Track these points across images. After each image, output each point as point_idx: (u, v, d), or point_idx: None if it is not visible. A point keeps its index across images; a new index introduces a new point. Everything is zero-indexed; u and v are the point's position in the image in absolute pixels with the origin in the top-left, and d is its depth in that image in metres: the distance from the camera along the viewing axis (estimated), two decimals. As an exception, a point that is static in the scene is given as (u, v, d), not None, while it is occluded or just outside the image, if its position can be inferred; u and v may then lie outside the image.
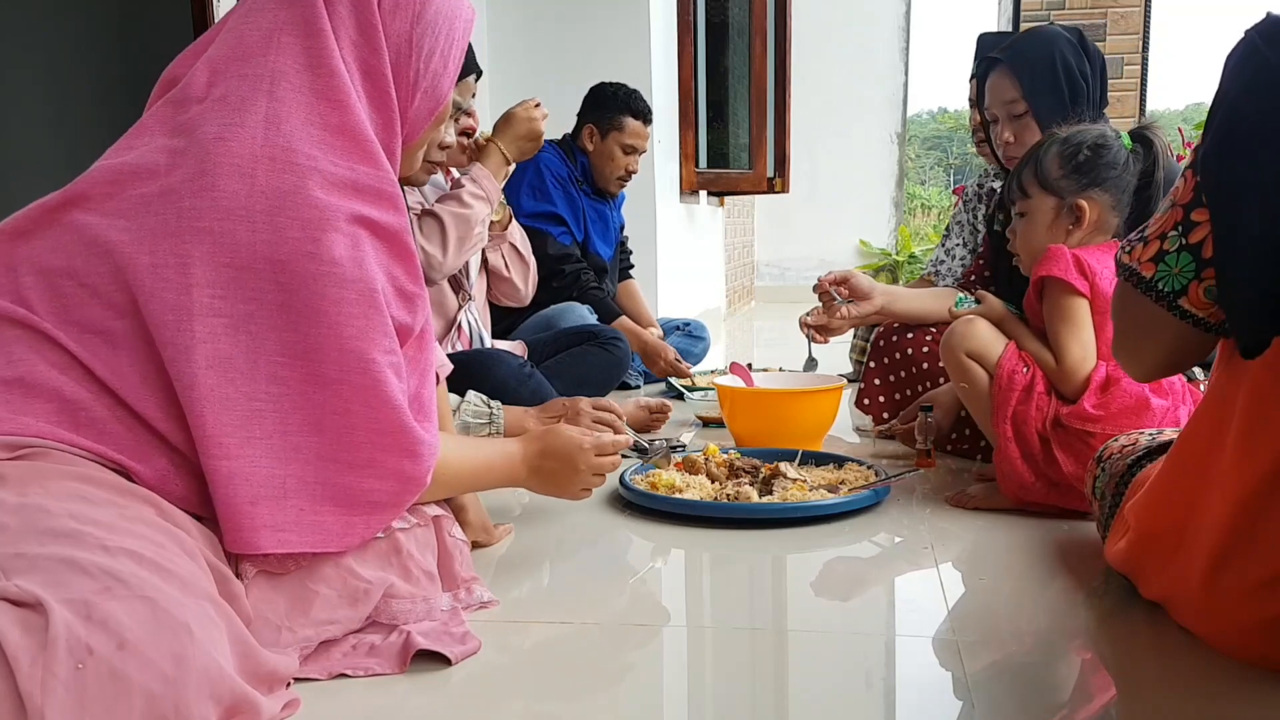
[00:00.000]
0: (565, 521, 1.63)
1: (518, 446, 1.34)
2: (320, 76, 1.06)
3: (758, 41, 5.06)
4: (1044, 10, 6.11)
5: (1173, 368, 1.10)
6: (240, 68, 1.05)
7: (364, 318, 1.02)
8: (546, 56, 3.92)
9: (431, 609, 1.12)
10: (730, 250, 6.04)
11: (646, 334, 2.90)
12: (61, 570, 0.79)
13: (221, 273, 0.98)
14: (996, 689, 1.01)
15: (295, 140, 1.02)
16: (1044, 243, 1.63)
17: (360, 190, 1.05)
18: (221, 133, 1.01)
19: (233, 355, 0.98)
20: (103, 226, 0.99)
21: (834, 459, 1.88)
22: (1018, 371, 1.60)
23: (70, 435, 0.95)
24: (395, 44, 1.12)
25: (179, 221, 0.98)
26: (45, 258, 0.99)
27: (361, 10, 1.09)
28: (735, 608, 1.31)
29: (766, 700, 1.03)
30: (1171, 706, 0.98)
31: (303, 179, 1.01)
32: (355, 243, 1.03)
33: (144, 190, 1.00)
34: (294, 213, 1.00)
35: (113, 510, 0.89)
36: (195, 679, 0.77)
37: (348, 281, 1.01)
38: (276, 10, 1.08)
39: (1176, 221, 1.01)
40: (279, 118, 1.03)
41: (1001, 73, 1.94)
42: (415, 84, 1.14)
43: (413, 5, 1.12)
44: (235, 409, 0.98)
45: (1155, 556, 1.13)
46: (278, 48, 1.06)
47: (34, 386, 0.96)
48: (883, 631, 1.21)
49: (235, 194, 0.99)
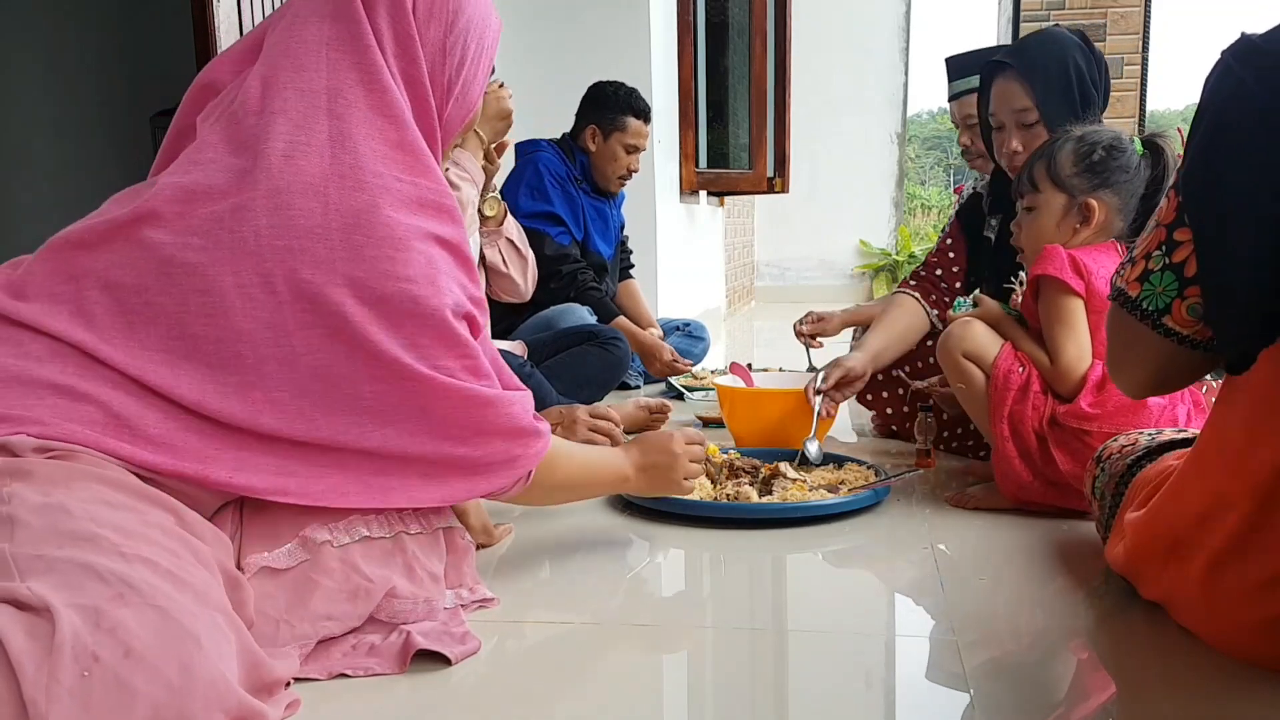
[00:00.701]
0: (565, 521, 1.63)
1: (618, 451, 1.43)
2: (374, 92, 1.09)
3: (758, 41, 5.06)
4: (1044, 10, 6.12)
5: (1163, 385, 1.11)
6: (295, 80, 1.07)
7: (437, 328, 1.07)
8: (546, 56, 3.91)
9: (433, 609, 1.12)
10: (730, 250, 6.04)
11: (643, 333, 2.89)
12: (77, 574, 0.80)
13: (305, 289, 1.01)
14: (996, 688, 1.02)
15: (361, 158, 1.05)
16: (1050, 239, 1.63)
17: (424, 205, 1.09)
18: (290, 150, 1.03)
19: (332, 363, 1.03)
20: (177, 246, 1.00)
21: (834, 459, 1.88)
22: (1013, 371, 1.60)
23: (114, 444, 0.96)
24: (430, 52, 1.14)
25: (257, 240, 1.01)
26: (114, 273, 1.00)
27: (399, 20, 1.12)
28: (735, 608, 1.31)
29: (766, 700, 1.03)
30: (1171, 706, 0.98)
31: (374, 198, 1.04)
32: (429, 260, 1.07)
33: (215, 208, 1.02)
34: (369, 231, 1.03)
35: (132, 516, 0.90)
36: (202, 689, 0.77)
37: (422, 297, 1.05)
38: (321, 24, 1.10)
39: (1160, 241, 1.03)
40: (343, 135, 1.06)
41: (1011, 79, 1.85)
42: (449, 91, 1.17)
43: (446, 14, 1.15)
44: (342, 412, 1.04)
45: (1154, 559, 1.13)
46: (330, 64, 1.08)
47: (83, 396, 0.96)
48: (883, 631, 1.21)
49: (311, 212, 1.02)
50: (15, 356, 0.96)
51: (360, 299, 1.02)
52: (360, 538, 1.10)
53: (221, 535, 1.02)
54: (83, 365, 0.98)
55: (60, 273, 1.01)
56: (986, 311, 1.71)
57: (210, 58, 2.51)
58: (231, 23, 2.56)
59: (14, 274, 1.03)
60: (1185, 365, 1.05)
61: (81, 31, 4.37)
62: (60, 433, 0.94)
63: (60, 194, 4.29)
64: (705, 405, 2.60)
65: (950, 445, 2.12)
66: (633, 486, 1.43)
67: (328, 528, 1.08)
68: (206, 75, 1.15)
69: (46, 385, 0.96)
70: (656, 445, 1.43)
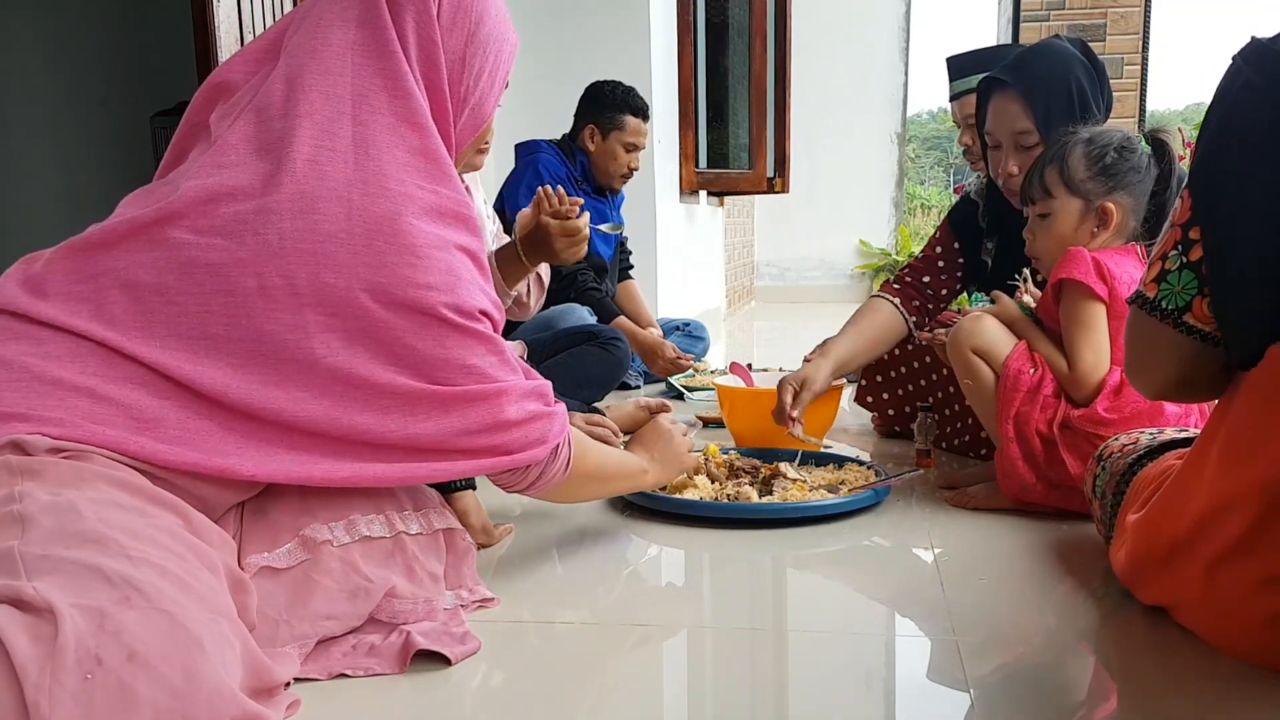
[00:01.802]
0: (565, 521, 1.63)
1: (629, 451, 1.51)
2: (398, 98, 1.10)
3: (758, 41, 5.06)
4: (1044, 10, 6.12)
5: (1186, 386, 1.11)
6: (320, 83, 1.07)
7: (460, 329, 1.07)
8: (546, 56, 3.91)
9: (434, 609, 1.12)
10: (730, 250, 6.04)
11: (644, 333, 2.89)
12: (83, 575, 0.80)
13: (328, 292, 1.02)
14: (996, 689, 1.01)
15: (384, 165, 1.06)
16: (1069, 245, 1.61)
17: (444, 214, 1.10)
18: (315, 155, 1.04)
19: (354, 366, 1.03)
20: (200, 247, 1.01)
21: (834, 459, 1.88)
22: (1024, 372, 1.58)
23: (134, 445, 0.96)
24: (450, 60, 1.15)
25: (281, 243, 1.01)
26: (134, 272, 1.00)
27: (423, 26, 1.12)
28: (735, 608, 1.31)
29: (766, 700, 1.03)
30: (1172, 706, 0.98)
31: (397, 206, 1.05)
32: (449, 267, 1.07)
33: (239, 210, 1.02)
34: (391, 238, 1.04)
35: (141, 518, 0.90)
36: (205, 695, 0.77)
37: (445, 302, 1.06)
38: (347, 28, 1.10)
39: (1176, 241, 1.04)
40: (366, 142, 1.06)
41: (1010, 98, 1.77)
42: (465, 100, 1.18)
43: (468, 24, 1.16)
44: (365, 412, 1.04)
45: (1156, 559, 1.13)
46: (356, 69, 1.09)
47: (103, 397, 0.97)
48: (883, 631, 1.21)
49: (335, 218, 1.02)
50: (36, 356, 0.96)
51: (382, 304, 1.03)
52: (360, 538, 1.10)
53: (227, 538, 1.02)
54: (103, 364, 0.98)
55: (80, 271, 1.01)
56: (1003, 310, 1.68)
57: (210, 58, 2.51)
58: (231, 23, 2.56)
59: (32, 270, 1.03)
60: (1208, 364, 1.06)
61: (82, 31, 4.37)
62: (78, 434, 0.94)
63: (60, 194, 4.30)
64: (705, 405, 2.60)
65: (950, 445, 2.11)
66: (652, 477, 1.51)
67: (328, 527, 1.08)
68: (220, 75, 1.15)
69: (67, 385, 0.96)
70: (649, 434, 1.54)
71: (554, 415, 1.19)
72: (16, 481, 0.88)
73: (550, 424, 1.18)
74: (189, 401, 1.00)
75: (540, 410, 1.16)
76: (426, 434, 1.07)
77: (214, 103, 1.14)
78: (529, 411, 1.14)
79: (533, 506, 1.71)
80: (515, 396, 1.13)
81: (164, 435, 0.98)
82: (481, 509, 1.46)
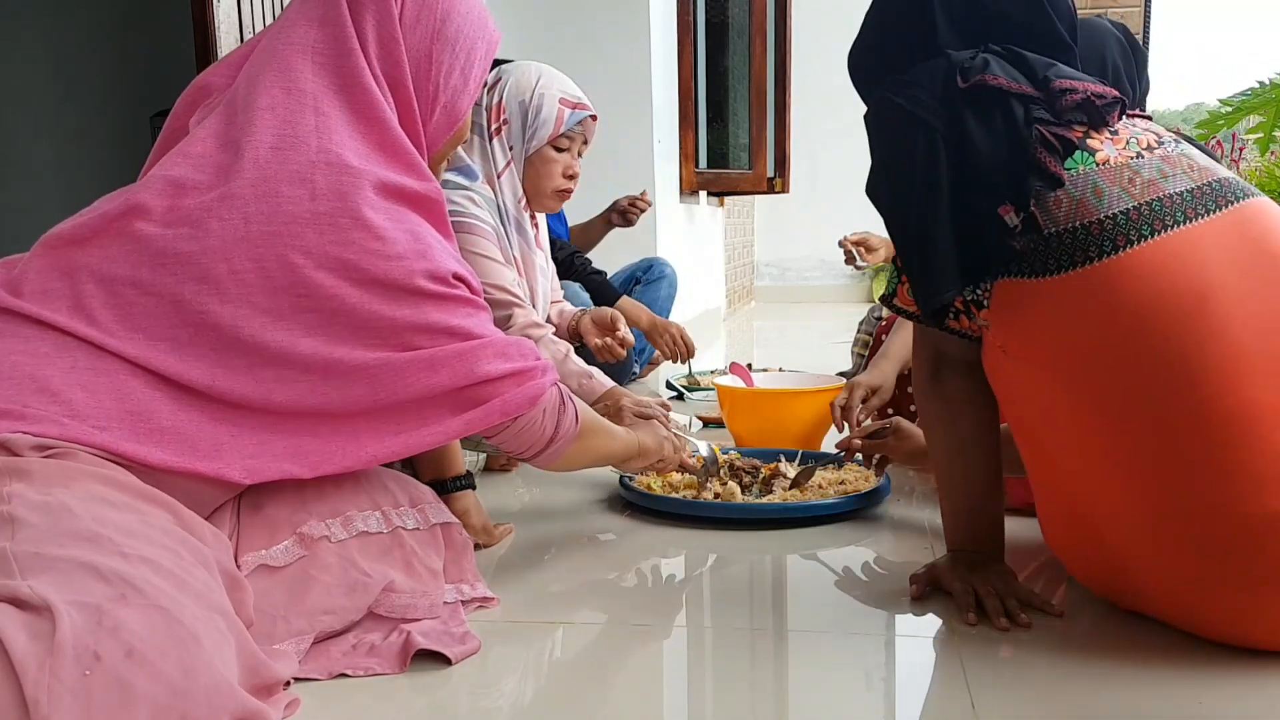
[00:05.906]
0: (565, 521, 1.63)
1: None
2: (356, 94, 1.11)
3: (758, 41, 5.06)
4: (1044, 10, 6.11)
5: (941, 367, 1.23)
6: (282, 81, 1.09)
7: (438, 299, 1.09)
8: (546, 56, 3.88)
9: (433, 604, 1.12)
10: (730, 250, 6.04)
11: (648, 312, 2.85)
12: (79, 574, 0.80)
13: (299, 273, 1.03)
14: (996, 689, 1.01)
15: (345, 153, 1.08)
16: None
17: (405, 195, 1.11)
18: (277, 143, 1.06)
19: (334, 341, 1.05)
20: (168, 238, 1.02)
21: (834, 459, 1.88)
22: None
23: (126, 445, 0.96)
24: (414, 57, 1.16)
25: (247, 227, 1.02)
26: (108, 267, 1.01)
27: (384, 24, 1.14)
28: (735, 608, 1.31)
29: (766, 700, 1.03)
30: (1172, 706, 0.98)
31: (359, 183, 1.06)
32: (415, 236, 1.09)
33: (203, 199, 1.03)
34: (355, 214, 1.05)
35: (133, 516, 0.90)
36: (203, 691, 0.77)
37: (419, 273, 1.07)
38: (309, 28, 1.13)
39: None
40: (328, 130, 1.08)
41: None
42: (434, 98, 1.19)
43: (432, 21, 1.17)
44: (357, 382, 1.06)
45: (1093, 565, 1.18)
46: (315, 68, 1.11)
47: (93, 392, 0.97)
48: (883, 631, 1.21)
49: (299, 199, 1.04)
50: (24, 353, 0.97)
51: (354, 281, 1.05)
52: (357, 533, 1.11)
53: (220, 534, 1.02)
54: (91, 360, 0.98)
55: (54, 269, 1.02)
56: None
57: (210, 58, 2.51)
58: (231, 23, 2.56)
59: (10, 273, 1.03)
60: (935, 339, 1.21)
61: (82, 31, 4.37)
62: (65, 432, 0.94)
63: (60, 194, 4.30)
64: (705, 405, 2.60)
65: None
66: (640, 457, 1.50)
67: (325, 524, 1.09)
68: (202, 79, 1.18)
69: (56, 382, 0.96)
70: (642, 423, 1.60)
71: (540, 368, 1.20)
72: (5, 482, 0.88)
73: (537, 376, 1.19)
74: (178, 394, 1.01)
75: (525, 365, 1.17)
76: (418, 395, 1.09)
77: (195, 106, 1.16)
78: (514, 366, 1.16)
79: (533, 506, 1.71)
80: (498, 348, 1.14)
81: (156, 427, 0.98)
82: (481, 509, 1.47)
